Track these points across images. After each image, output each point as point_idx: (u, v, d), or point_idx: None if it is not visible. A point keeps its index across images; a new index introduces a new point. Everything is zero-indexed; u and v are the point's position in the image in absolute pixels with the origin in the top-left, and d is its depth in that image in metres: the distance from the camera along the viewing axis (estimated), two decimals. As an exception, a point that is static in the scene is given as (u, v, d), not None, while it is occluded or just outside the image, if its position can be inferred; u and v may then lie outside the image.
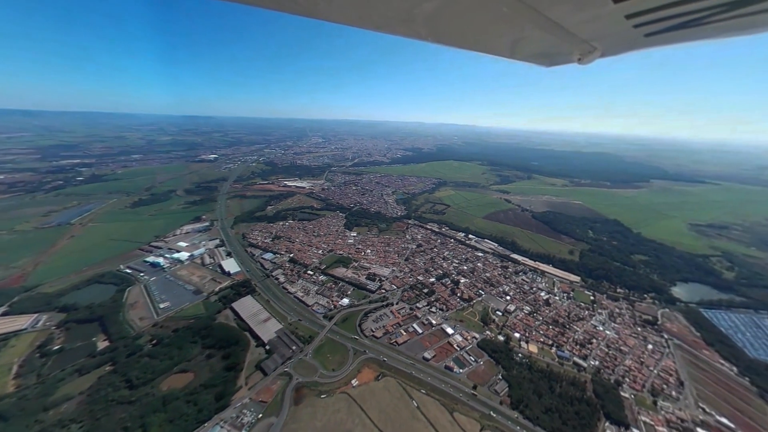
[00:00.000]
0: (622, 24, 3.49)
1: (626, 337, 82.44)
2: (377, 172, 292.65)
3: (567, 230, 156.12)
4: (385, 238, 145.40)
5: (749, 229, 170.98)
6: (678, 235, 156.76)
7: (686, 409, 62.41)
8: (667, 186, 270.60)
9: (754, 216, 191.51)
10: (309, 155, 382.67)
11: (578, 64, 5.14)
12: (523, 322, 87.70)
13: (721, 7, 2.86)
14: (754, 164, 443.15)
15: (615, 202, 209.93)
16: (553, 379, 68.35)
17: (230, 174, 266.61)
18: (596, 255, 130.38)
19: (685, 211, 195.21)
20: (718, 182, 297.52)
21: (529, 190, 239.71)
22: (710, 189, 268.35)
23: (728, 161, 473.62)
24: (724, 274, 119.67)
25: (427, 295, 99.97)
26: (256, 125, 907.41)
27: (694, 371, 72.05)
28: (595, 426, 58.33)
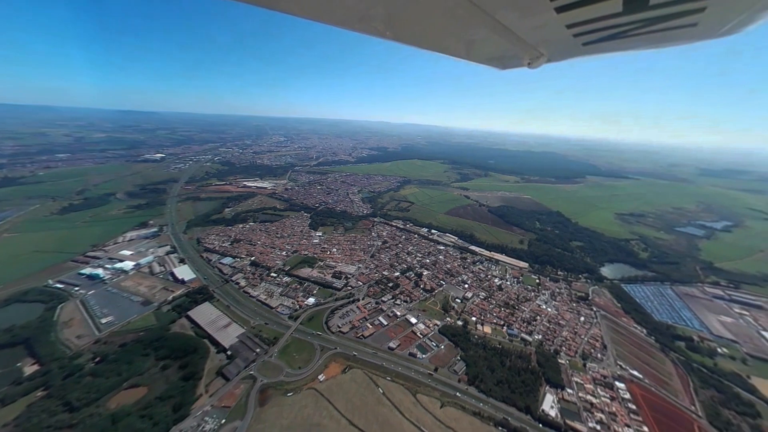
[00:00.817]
0: (563, 33, 3.98)
1: (564, 312, 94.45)
2: (343, 172, 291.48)
3: (518, 222, 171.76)
4: (351, 236, 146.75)
5: (660, 216, 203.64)
6: (606, 223, 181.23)
7: (608, 367, 74.02)
8: (600, 181, 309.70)
9: (664, 205, 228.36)
10: (270, 154, 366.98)
11: (528, 68, 5.62)
12: (479, 307, 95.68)
13: (639, 23, 3.56)
14: (667, 162, 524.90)
15: (558, 196, 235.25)
16: (504, 355, 76.20)
17: (181, 175, 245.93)
18: (542, 243, 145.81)
19: (612, 203, 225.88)
20: (639, 177, 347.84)
21: (486, 187, 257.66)
22: (633, 183, 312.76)
23: (648, 159, 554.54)
24: (640, 255, 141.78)
25: (393, 288, 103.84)
26: (209, 122, 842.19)
27: (615, 335, 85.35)
28: (538, 390, 66.66)
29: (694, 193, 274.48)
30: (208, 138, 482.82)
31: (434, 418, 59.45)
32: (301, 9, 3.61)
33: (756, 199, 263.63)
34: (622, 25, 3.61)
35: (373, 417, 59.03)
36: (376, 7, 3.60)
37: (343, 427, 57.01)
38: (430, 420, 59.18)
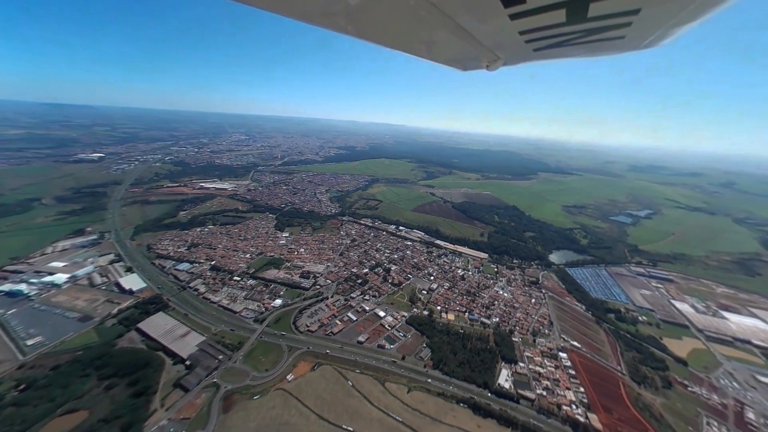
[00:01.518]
0: (517, 38, 4.18)
1: (518, 296, 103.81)
2: (310, 171, 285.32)
3: (479, 216, 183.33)
4: (320, 235, 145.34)
5: (597, 207, 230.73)
6: (555, 214, 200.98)
7: (553, 340, 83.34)
8: (549, 177, 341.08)
9: (601, 198, 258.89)
10: (230, 154, 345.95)
11: (487, 71, 5.78)
12: (443, 297, 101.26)
13: (580, 33, 3.94)
14: (603, 160, 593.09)
15: (514, 192, 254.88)
16: (466, 338, 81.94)
17: (125, 176, 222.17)
18: (500, 235, 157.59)
19: (560, 196, 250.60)
20: (582, 173, 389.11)
21: (450, 184, 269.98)
22: (576, 179, 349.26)
23: (589, 157, 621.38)
24: (581, 242, 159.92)
25: (361, 284, 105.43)
26: (158, 118, 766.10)
27: (560, 313, 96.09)
28: (495, 367, 73.03)
29: (625, 187, 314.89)
30: (156, 136, 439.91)
31: (402, 403, 62.41)
32: (263, 2, 3.56)
33: (670, 190, 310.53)
34: (566, 34, 4.06)
35: (342, 409, 60.26)
36: (338, 3, 3.60)
37: (313, 422, 57.48)
38: (398, 405, 62.02)
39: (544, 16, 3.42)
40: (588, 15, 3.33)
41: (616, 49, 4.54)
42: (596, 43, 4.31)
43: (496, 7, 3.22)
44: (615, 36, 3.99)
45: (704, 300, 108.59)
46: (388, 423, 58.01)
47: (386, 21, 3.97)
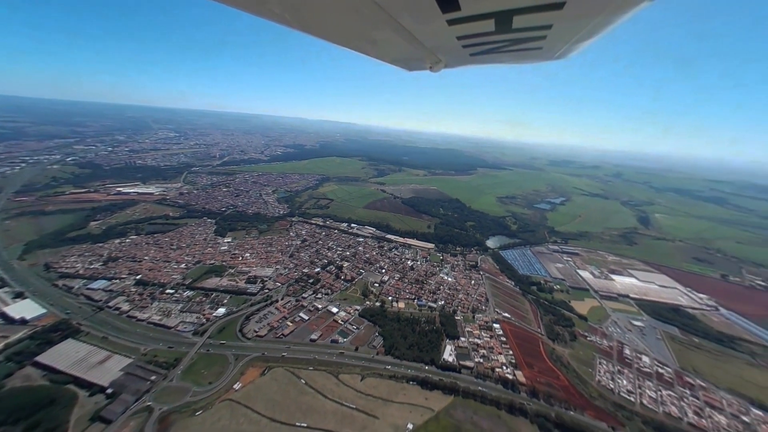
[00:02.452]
0: (455, 43, 4.42)
1: (460, 279, 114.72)
2: (254, 171, 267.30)
3: (426, 210, 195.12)
4: (267, 238, 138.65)
5: (525, 197, 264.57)
6: (491, 205, 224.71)
7: (489, 314, 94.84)
8: (487, 172, 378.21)
9: (527, 189, 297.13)
10: (156, 153, 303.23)
11: (431, 72, 5.88)
12: (394, 287, 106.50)
13: (507, 42, 4.39)
14: (529, 156, 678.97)
15: (457, 186, 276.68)
16: (415, 323, 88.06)
17: (5, 182, 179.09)
18: (444, 226, 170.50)
19: (495, 189, 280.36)
20: (513, 168, 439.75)
21: (400, 181, 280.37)
22: (509, 173, 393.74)
23: (518, 154, 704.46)
24: (512, 227, 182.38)
25: (313, 284, 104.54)
26: (55, 110, 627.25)
27: (494, 290, 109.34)
28: (440, 344, 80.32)
29: (545, 179, 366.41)
30: (52, 131, 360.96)
31: (356, 391, 64.86)
32: None
33: (578, 180, 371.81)
34: (496, 42, 4.42)
35: (296, 408, 60.16)
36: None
37: (264, 426, 56.32)
38: (352, 394, 64.32)
39: (477, 24, 3.76)
40: (513, 26, 3.78)
41: (535, 58, 5.27)
42: (520, 51, 4.91)
43: (435, 12, 3.42)
44: (534, 47, 4.65)
45: (599, 267, 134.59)
46: (342, 412, 59.88)
47: (327, 15, 3.85)
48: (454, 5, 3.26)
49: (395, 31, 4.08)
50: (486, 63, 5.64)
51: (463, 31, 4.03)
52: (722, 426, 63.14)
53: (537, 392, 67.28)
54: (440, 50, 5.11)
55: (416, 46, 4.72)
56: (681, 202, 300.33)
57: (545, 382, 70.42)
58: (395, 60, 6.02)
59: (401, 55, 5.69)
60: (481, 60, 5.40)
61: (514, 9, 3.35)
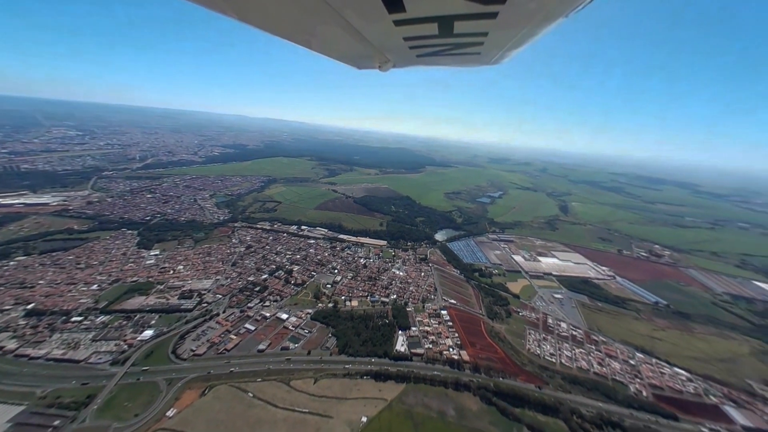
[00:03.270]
0: (402, 44, 4.48)
1: (411, 273, 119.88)
2: (186, 174, 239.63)
3: (378, 208, 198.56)
4: (205, 247, 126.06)
5: (468, 192, 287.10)
6: (439, 201, 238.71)
7: (437, 303, 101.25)
8: (435, 170, 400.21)
9: (471, 184, 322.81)
10: (50, 156, 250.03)
11: (380, 71, 5.94)
12: (347, 287, 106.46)
13: (450, 46, 4.53)
14: (472, 154, 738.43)
15: (407, 184, 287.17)
16: (368, 319, 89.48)
17: None
18: (396, 223, 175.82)
19: (442, 185, 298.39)
20: (458, 165, 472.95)
21: (352, 180, 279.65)
22: (454, 170, 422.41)
23: (463, 153, 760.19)
24: (457, 221, 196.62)
25: (260, 292, 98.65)
26: None
27: (442, 280, 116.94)
28: (393, 337, 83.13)
29: (486, 175, 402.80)
30: None
31: (309, 395, 63.51)
32: None
33: (513, 175, 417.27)
34: (440, 45, 4.58)
35: (243, 423, 56.49)
36: None
37: (206, 450, 51.69)
38: (305, 398, 62.85)
39: (422, 26, 3.88)
40: (454, 31, 3.97)
41: (475, 62, 5.60)
42: (461, 55, 5.17)
43: (382, 11, 3.46)
44: (474, 51, 4.92)
45: (529, 251, 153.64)
46: (294, 418, 58.14)
47: (269, 5, 3.66)
48: (400, 7, 3.35)
49: (342, 28, 4.01)
50: (431, 65, 5.92)
51: (409, 33, 4.17)
52: (617, 371, 77.96)
53: (479, 367, 74.33)
54: (388, 50, 5.15)
55: (364, 45, 4.67)
56: (590, 191, 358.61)
57: (485, 357, 78.16)
58: (343, 57, 5.92)
59: (349, 53, 5.58)
60: (427, 62, 5.63)
61: (455, 15, 3.57)
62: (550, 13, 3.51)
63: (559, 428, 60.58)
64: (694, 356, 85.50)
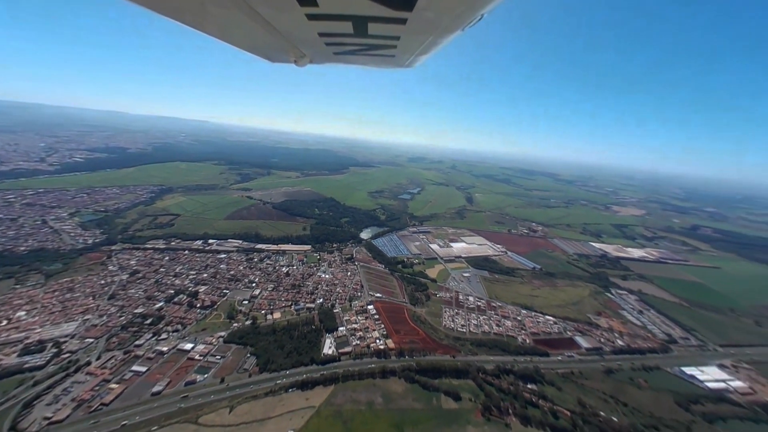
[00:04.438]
0: (317, 39, 4.37)
1: (337, 274, 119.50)
2: (27, 188, 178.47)
3: (300, 212, 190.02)
4: (63, 282, 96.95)
5: (391, 190, 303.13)
6: (363, 200, 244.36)
7: (364, 299, 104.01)
8: (358, 170, 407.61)
9: (393, 183, 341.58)
10: None
11: (296, 66, 5.72)
12: (268, 299, 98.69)
13: (366, 46, 4.60)
14: (393, 154, 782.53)
15: (331, 185, 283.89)
16: (293, 329, 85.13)
17: None
18: (321, 226, 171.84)
19: (366, 185, 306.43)
20: (381, 165, 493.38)
21: (269, 185, 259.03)
22: (377, 170, 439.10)
23: (385, 153, 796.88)
24: (381, 218, 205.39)
25: (153, 324, 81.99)
26: None
27: (368, 276, 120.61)
28: (320, 341, 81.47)
29: (406, 173, 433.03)
30: None
31: (223, 427, 56.53)
32: None
33: (429, 173, 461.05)
34: (357, 45, 4.61)
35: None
36: None
37: None
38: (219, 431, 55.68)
39: (337, 24, 3.86)
40: (369, 32, 4.05)
41: (391, 64, 5.75)
42: (378, 57, 5.28)
43: (293, 3, 3.33)
44: (389, 54, 5.08)
45: (443, 239, 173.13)
46: (205, 459, 50.84)
47: None
48: (311, 0, 3.24)
49: (249, 17, 3.69)
50: (350, 63, 5.88)
51: (324, 29, 4.07)
52: (509, 328, 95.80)
53: (403, 351, 79.98)
54: (303, 44, 4.96)
55: (276, 36, 4.42)
56: (489, 184, 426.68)
57: (409, 341, 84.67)
58: (254, 48, 5.47)
59: (260, 44, 5.18)
60: (345, 59, 5.60)
61: (367, 16, 3.60)
62: (449, 27, 3.96)
63: (469, 386, 70.71)
64: (558, 305, 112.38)
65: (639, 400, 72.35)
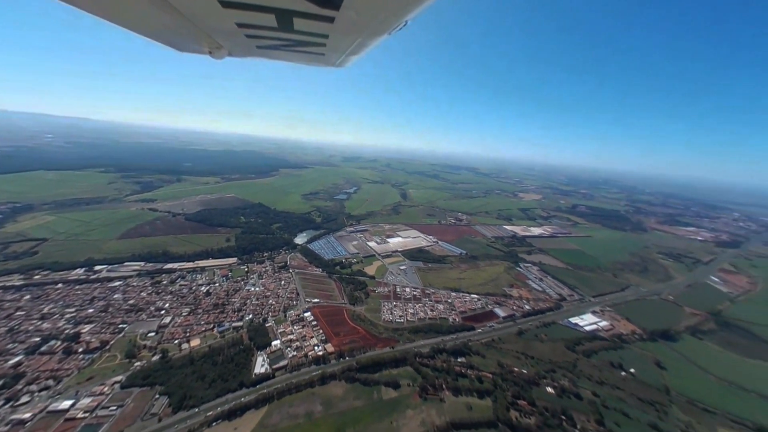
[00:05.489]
0: (236, 30, 4.06)
1: (269, 285, 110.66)
2: None
3: (222, 222, 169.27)
4: None
5: (326, 191, 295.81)
6: (296, 203, 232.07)
7: (300, 306, 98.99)
8: (290, 172, 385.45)
9: (328, 184, 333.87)
10: None
11: (212, 57, 5.18)
12: (182, 326, 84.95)
13: (293, 42, 4.36)
14: (328, 154, 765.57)
15: (259, 189, 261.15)
16: (216, 354, 75.26)
17: None
18: (248, 235, 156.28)
19: (299, 187, 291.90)
20: (314, 166, 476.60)
21: (180, 194, 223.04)
22: (311, 171, 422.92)
23: (318, 153, 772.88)
24: (317, 220, 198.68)
25: (5, 387, 61.69)
26: None
27: (304, 282, 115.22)
28: (251, 361, 74.17)
29: (341, 173, 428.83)
30: None
31: (124, 493, 46.27)
32: None
33: (364, 172, 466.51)
34: (282, 39, 4.36)
35: None
36: None
37: None
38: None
39: (257, 15, 3.60)
40: (294, 27, 3.88)
41: (321, 62, 5.56)
42: (307, 54, 5.09)
43: None
44: (318, 52, 4.92)
45: (380, 236, 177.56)
46: None
47: None
48: None
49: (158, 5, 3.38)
50: (277, 59, 5.59)
51: (244, 19, 3.82)
52: (441, 311, 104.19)
53: (343, 353, 79.07)
54: (219, 35, 4.53)
55: (182, 23, 3.96)
56: (420, 179, 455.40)
57: (349, 342, 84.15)
58: (157, 35, 4.69)
59: (161, 30, 4.39)
60: (271, 55, 5.30)
61: (291, 10, 3.43)
62: (376, 30, 3.93)
63: (407, 373, 74.28)
64: (480, 283, 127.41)
65: (541, 351, 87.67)
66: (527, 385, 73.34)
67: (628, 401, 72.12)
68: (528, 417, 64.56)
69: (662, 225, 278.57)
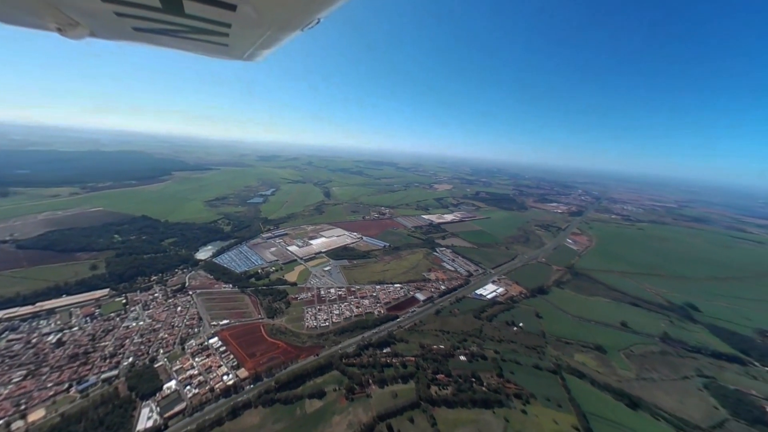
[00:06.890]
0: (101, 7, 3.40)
1: (159, 315, 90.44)
2: None
3: (84, 245, 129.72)
4: None
5: (237, 195, 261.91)
6: (197, 212, 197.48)
7: (204, 333, 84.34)
8: (188, 175, 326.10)
9: (239, 186, 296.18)
10: None
11: (63, 36, 4.20)
12: (12, 398, 61.02)
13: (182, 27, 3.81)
14: (239, 153, 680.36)
15: (142, 199, 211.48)
16: (75, 422, 56.81)
17: None
18: (126, 257, 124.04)
19: (201, 193, 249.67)
20: (221, 167, 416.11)
21: (10, 213, 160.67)
22: (217, 173, 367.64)
23: (227, 152, 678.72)
24: (225, 229, 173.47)
25: None
26: None
27: (209, 304, 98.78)
28: (131, 418, 58.85)
29: (256, 174, 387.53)
30: None
31: None
32: None
33: (283, 171, 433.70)
34: (168, 23, 3.79)
35: None
36: None
37: None
38: None
39: None
40: (185, 11, 3.41)
41: (225, 54, 5.01)
42: (204, 43, 4.51)
43: None
44: (220, 42, 4.43)
45: (302, 238, 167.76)
46: None
47: None
48: None
49: None
50: (164, 46, 4.77)
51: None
52: (367, 306, 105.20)
53: (259, 375, 71.01)
54: (71, 8, 3.65)
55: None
56: (344, 177, 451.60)
57: (266, 360, 76.14)
58: None
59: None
60: (155, 40, 4.52)
61: None
62: (286, 25, 3.68)
63: (333, 377, 71.99)
64: (402, 272, 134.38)
65: (455, 324, 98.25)
66: (444, 359, 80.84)
67: (518, 351, 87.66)
68: (445, 388, 71.14)
69: (536, 203, 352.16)
